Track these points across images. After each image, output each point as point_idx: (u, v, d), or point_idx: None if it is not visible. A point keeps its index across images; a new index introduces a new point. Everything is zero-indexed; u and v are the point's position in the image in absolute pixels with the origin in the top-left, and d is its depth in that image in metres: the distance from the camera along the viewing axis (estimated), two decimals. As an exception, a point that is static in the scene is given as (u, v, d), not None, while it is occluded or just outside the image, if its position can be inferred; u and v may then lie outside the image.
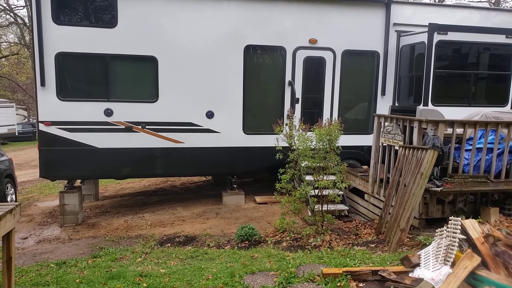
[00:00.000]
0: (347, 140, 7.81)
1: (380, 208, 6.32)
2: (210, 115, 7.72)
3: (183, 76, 7.56)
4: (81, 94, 7.27)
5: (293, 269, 4.29)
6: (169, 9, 7.38)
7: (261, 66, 8.15)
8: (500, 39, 7.94)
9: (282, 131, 6.25)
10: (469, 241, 3.79)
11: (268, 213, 7.54)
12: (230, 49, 7.71)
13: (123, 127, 7.39)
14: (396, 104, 8.42)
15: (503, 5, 23.20)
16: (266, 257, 4.92)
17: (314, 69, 8.21)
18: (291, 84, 7.99)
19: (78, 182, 8.30)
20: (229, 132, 7.85)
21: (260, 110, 8.21)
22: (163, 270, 4.61)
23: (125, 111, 7.36)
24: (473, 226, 3.83)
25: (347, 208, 7.17)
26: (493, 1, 22.80)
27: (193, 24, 7.50)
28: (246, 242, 5.87)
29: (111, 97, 7.31)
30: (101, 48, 7.13)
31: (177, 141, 7.64)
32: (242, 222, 6.96)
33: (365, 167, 8.11)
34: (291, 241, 5.84)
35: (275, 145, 6.17)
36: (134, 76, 7.55)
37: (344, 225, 6.67)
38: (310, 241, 5.64)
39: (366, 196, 7.23)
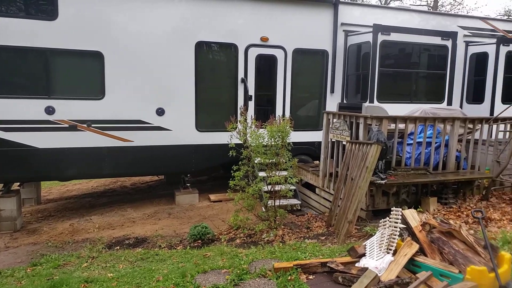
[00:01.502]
0: (299, 136, 8.03)
1: (330, 201, 6.52)
2: (160, 112, 7.54)
3: (131, 73, 7.31)
4: (18, 91, 6.78)
5: (245, 266, 4.30)
6: (116, 2, 7.11)
7: (214, 63, 8.09)
8: (437, 40, 8.50)
9: (235, 128, 6.25)
10: (409, 230, 4.01)
11: (222, 211, 7.51)
12: (181, 45, 7.58)
13: (67, 125, 7.02)
14: (345, 101, 8.73)
15: (440, 9, 24.75)
16: (219, 255, 4.90)
17: (266, 67, 8.29)
18: (244, 81, 8.01)
19: (16, 185, 7.78)
20: (181, 129, 7.71)
21: (213, 107, 8.13)
22: (111, 274, 4.44)
23: (68, 109, 6.98)
24: (412, 216, 4.06)
25: (300, 202, 7.32)
26: (431, 5, 24.30)
27: (142, 19, 7.28)
28: (199, 241, 5.81)
29: (53, 94, 6.90)
30: (40, 42, 6.70)
31: (126, 140, 7.38)
32: (195, 221, 6.88)
33: (316, 162, 8.33)
34: (244, 238, 5.86)
35: (228, 142, 6.15)
36: (78, 72, 7.17)
37: (296, 219, 6.80)
38: (263, 237, 5.69)
39: (317, 190, 7.43)
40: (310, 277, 4.02)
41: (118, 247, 5.81)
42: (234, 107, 7.99)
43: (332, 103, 8.57)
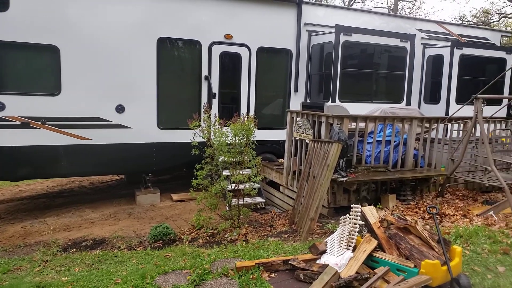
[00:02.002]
0: (264, 135, 8.04)
1: (294, 199, 6.57)
2: (120, 109, 7.29)
3: (89, 68, 7.03)
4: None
5: (207, 266, 4.24)
6: (72, -6, 6.82)
7: (176, 59, 7.93)
8: (396, 42, 8.75)
9: (198, 126, 6.15)
10: (368, 226, 4.10)
11: (185, 211, 7.40)
12: (142, 41, 7.37)
13: (19, 122, 6.63)
14: (308, 101, 8.83)
15: (400, 12, 25.67)
16: (181, 255, 4.81)
17: (230, 65, 8.24)
18: (208, 78, 7.91)
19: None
20: (142, 127, 7.50)
21: (176, 105, 7.97)
22: (66, 278, 4.24)
23: (20, 105, 6.60)
24: (371, 212, 4.15)
25: (264, 200, 7.33)
26: (391, 8, 25.19)
27: (101, 13, 7.01)
28: (160, 241, 5.69)
29: (3, 89, 6.49)
30: (-11, 34, 6.32)
31: (83, 138, 7.09)
32: (157, 222, 6.72)
33: (281, 160, 8.38)
34: (207, 238, 5.79)
35: (191, 141, 6.05)
36: (32, 67, 6.78)
37: (260, 218, 6.81)
38: (226, 236, 5.65)
39: (281, 188, 7.48)
40: (272, 275, 4.02)
41: (74, 250, 5.57)
42: (197, 104, 7.87)
43: (296, 102, 8.64)
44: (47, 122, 6.81)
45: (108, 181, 10.30)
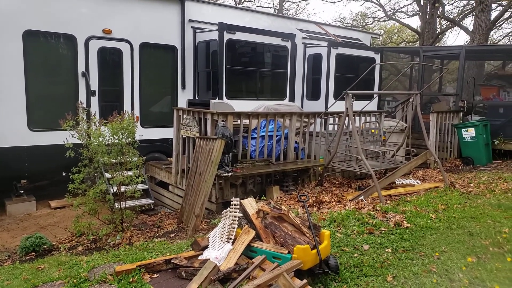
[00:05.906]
0: (151, 133, 7.81)
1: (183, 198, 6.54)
2: (-21, 110, 6.40)
3: None
4: None
5: (84, 274, 3.99)
6: None
7: (49, 54, 7.19)
8: (277, 41, 9.20)
9: (71, 126, 5.69)
10: (247, 218, 4.28)
11: (65, 218, 6.84)
12: (4, 34, 6.55)
13: None
14: (197, 98, 8.82)
15: (285, 13, 27.20)
16: (55, 266, 4.44)
17: (110, 61, 7.79)
18: (85, 75, 7.37)
19: None
20: (9, 129, 6.69)
21: (49, 104, 7.23)
22: None
23: None
24: (250, 204, 4.34)
25: (152, 201, 7.13)
26: (277, 8, 26.56)
27: None
28: (33, 253, 5.18)
29: None
30: None
31: None
32: (31, 232, 6.08)
33: (170, 159, 8.24)
34: (88, 244, 5.46)
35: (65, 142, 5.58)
36: None
37: (148, 219, 6.64)
38: (108, 241, 5.39)
39: (170, 188, 7.38)
40: (154, 276, 3.96)
41: None
42: (74, 103, 7.23)
43: (185, 99, 8.57)
44: None
45: (-29, 192, 8.96)
